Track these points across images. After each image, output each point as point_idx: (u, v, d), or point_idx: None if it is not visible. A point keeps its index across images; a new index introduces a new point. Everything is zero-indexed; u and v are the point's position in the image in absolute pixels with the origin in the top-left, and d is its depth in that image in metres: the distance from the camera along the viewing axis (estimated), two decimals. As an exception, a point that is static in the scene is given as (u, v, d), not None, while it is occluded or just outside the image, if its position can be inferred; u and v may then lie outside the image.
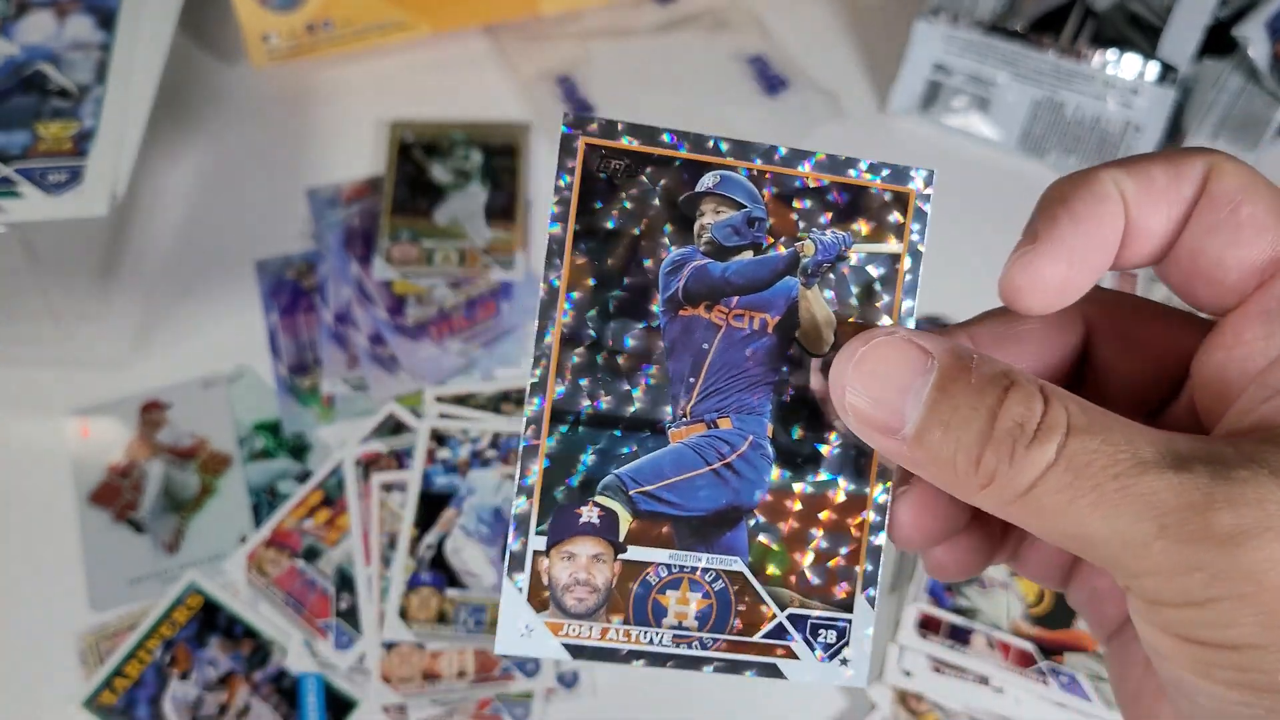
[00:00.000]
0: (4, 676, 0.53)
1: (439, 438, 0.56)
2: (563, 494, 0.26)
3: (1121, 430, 0.22)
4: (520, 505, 0.26)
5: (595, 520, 0.26)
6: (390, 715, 0.51)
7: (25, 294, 0.59)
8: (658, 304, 0.26)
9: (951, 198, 0.70)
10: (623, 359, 0.26)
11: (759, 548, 0.27)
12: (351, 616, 0.53)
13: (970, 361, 0.23)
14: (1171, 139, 0.68)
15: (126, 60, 0.59)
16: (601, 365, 0.26)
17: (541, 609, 0.26)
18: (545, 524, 0.26)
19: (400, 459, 0.56)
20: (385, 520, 0.55)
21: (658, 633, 0.27)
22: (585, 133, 0.26)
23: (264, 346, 0.62)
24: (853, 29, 0.77)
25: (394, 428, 0.58)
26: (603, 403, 0.26)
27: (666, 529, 0.26)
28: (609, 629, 0.26)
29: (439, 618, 0.52)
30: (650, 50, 0.74)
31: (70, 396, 0.60)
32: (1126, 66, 0.65)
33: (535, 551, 0.26)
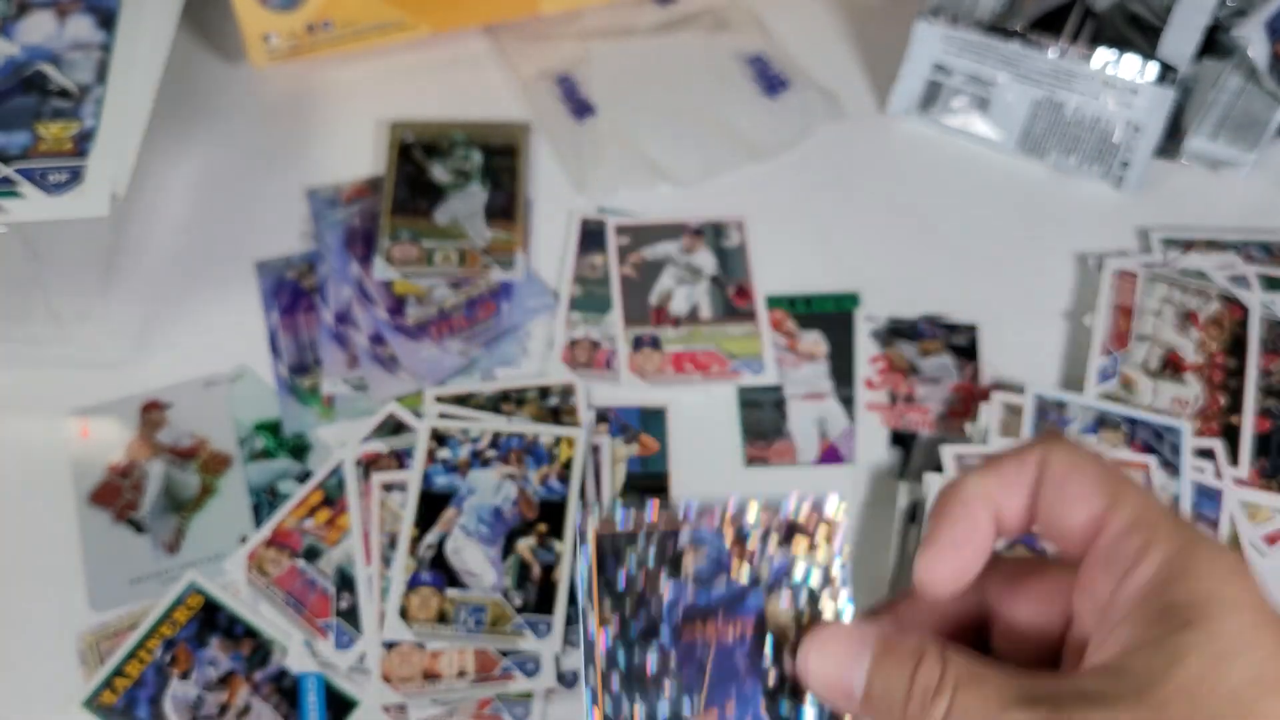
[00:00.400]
0: (4, 677, 0.53)
1: (439, 437, 0.56)
2: None
3: (994, 680, 0.29)
4: None
5: None
6: (391, 715, 0.51)
7: (26, 294, 0.59)
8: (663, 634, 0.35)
9: (951, 198, 0.71)
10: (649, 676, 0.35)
11: None
12: (352, 616, 0.53)
13: (893, 641, 0.32)
14: (1171, 139, 0.68)
15: (127, 60, 0.59)
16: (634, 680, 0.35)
17: None
18: None
19: (400, 459, 0.56)
20: (385, 520, 0.55)
21: None
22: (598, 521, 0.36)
23: (264, 346, 0.62)
24: (853, 29, 0.77)
25: (394, 427, 0.58)
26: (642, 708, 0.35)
27: None
28: None
29: (439, 617, 0.52)
30: (650, 50, 0.74)
31: (70, 396, 0.60)
32: (1126, 67, 0.65)
33: None
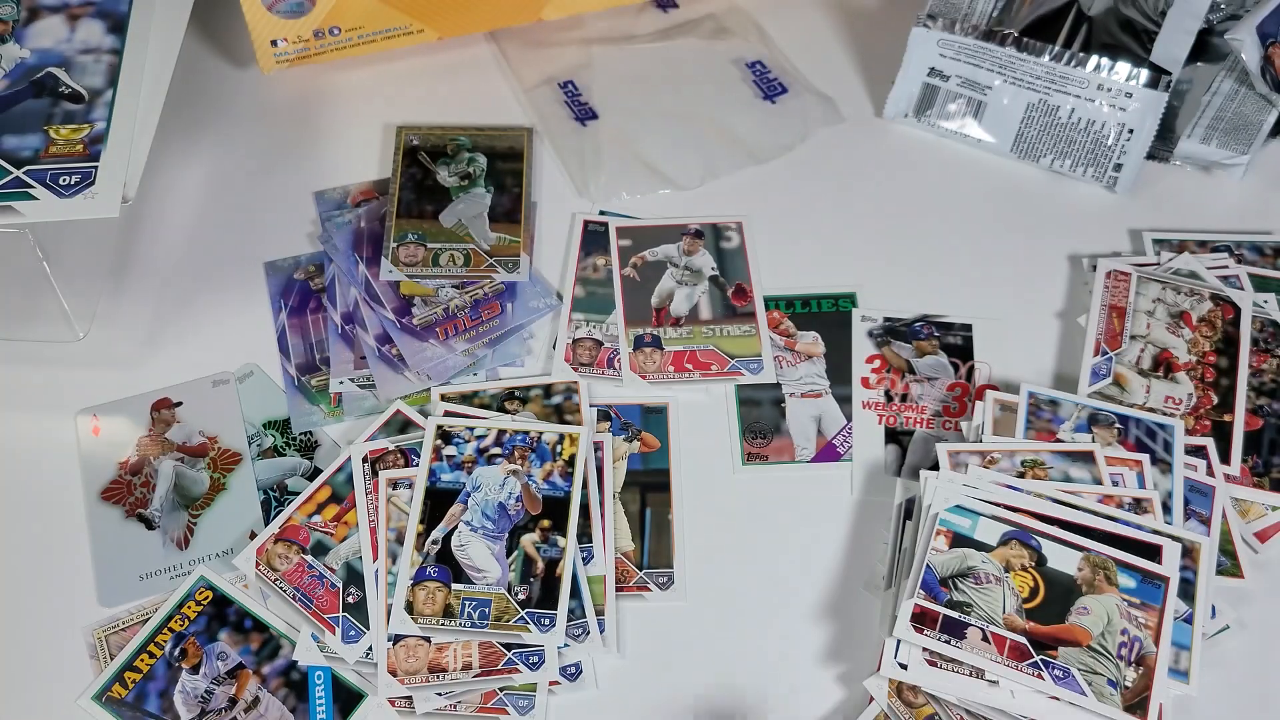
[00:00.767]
0: (16, 671, 0.54)
1: (445, 435, 0.57)
2: None
3: None
4: None
5: None
6: (397, 707, 0.52)
7: (38, 294, 0.60)
8: None
9: (946, 200, 0.72)
10: None
11: None
12: (359, 610, 0.53)
13: None
14: (1164, 141, 0.69)
15: (137, 65, 0.60)
16: None
17: None
18: None
19: (407, 456, 0.57)
20: (392, 516, 0.55)
21: None
22: None
23: (273, 346, 0.63)
24: (850, 35, 0.78)
25: (401, 425, 0.59)
26: None
27: None
28: None
29: (445, 612, 0.52)
30: (651, 55, 0.75)
31: (81, 395, 0.61)
32: (1119, 71, 0.66)
33: None
